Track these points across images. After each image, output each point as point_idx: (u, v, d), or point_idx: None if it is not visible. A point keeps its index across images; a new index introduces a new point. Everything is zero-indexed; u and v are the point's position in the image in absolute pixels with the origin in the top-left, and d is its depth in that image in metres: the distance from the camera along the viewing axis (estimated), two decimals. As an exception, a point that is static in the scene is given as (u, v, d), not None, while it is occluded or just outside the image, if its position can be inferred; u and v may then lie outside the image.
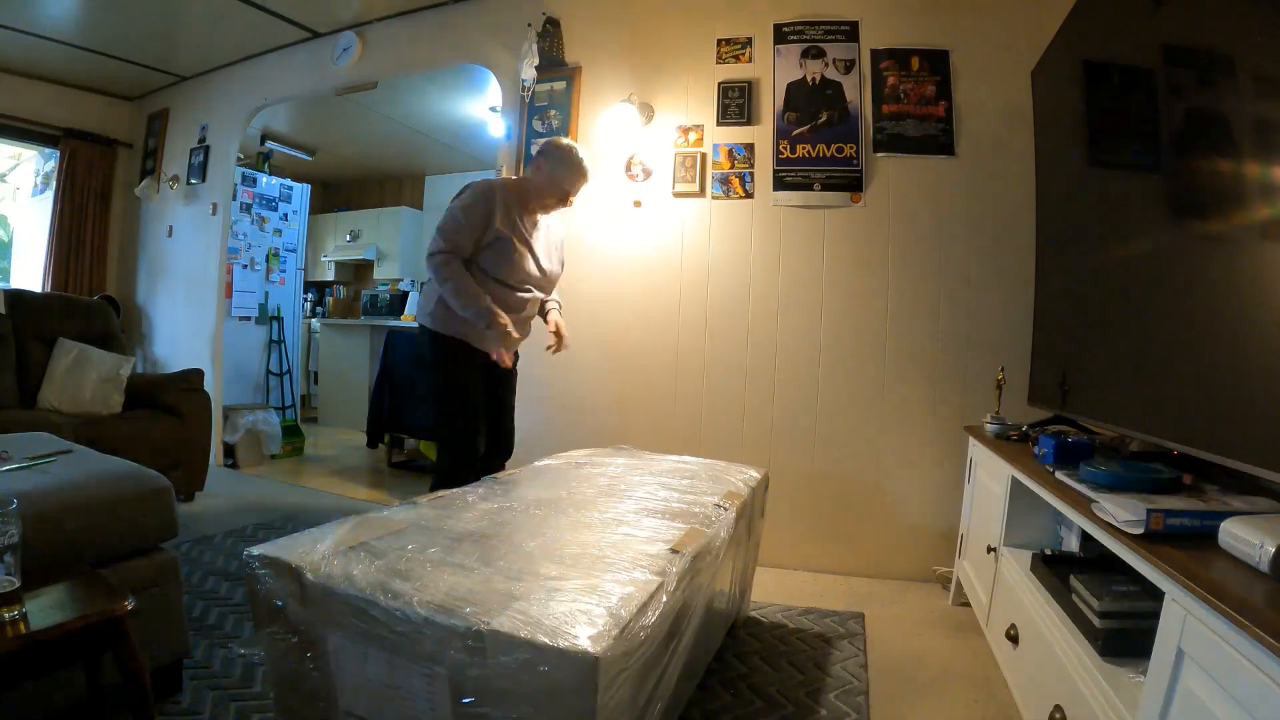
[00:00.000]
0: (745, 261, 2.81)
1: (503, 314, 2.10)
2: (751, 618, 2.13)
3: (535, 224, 2.26)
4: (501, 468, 2.34)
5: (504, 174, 2.85)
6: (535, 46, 3.03)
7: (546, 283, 2.32)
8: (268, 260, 5.17)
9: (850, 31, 2.70)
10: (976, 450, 2.22)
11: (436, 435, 2.31)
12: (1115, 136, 1.74)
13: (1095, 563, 1.47)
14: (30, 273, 4.86)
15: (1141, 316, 1.50)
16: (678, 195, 2.90)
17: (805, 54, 2.74)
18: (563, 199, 2.22)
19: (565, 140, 2.28)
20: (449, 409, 2.20)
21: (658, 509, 1.53)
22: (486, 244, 2.12)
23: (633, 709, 0.98)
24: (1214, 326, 1.22)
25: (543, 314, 2.38)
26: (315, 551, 1.11)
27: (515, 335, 2.18)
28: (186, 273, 4.41)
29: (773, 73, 2.77)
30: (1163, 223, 1.45)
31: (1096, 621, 1.21)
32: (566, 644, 0.86)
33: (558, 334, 2.34)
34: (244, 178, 4.94)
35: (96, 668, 1.16)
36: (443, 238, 2.09)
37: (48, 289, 4.53)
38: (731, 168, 2.82)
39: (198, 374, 3.40)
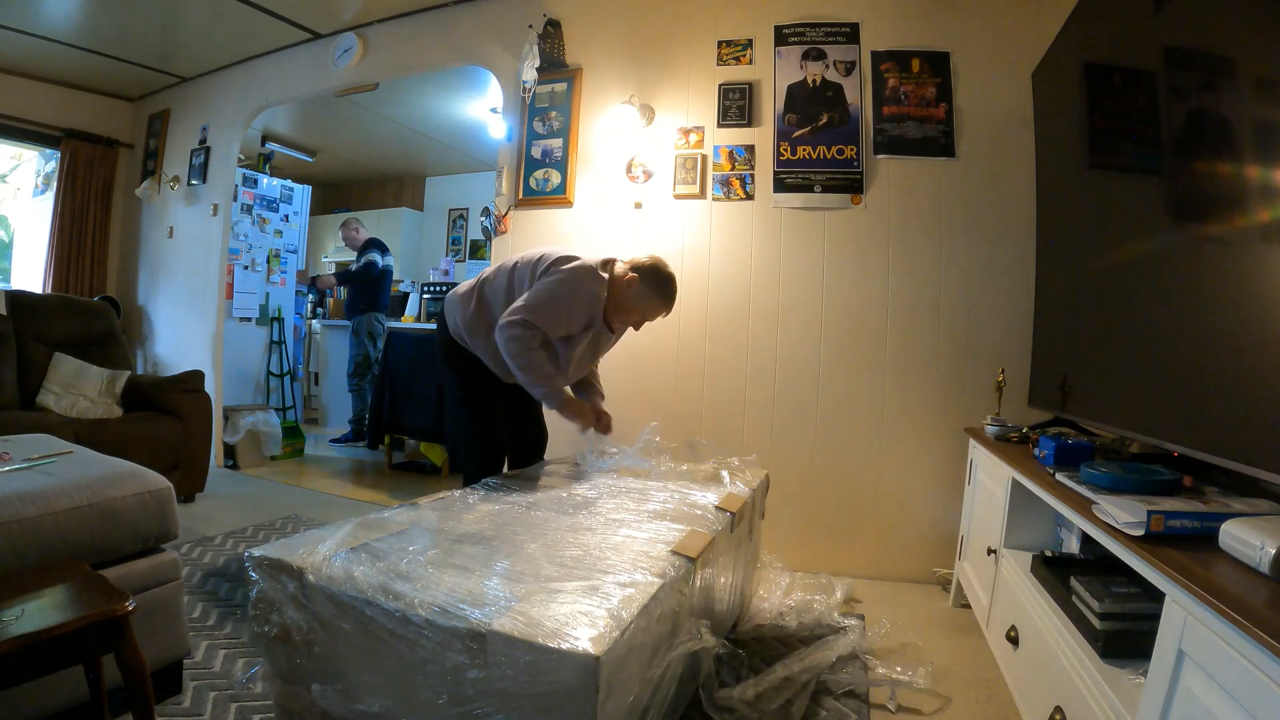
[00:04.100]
0: (746, 263, 2.82)
1: (577, 403, 2.12)
2: (751, 619, 2.12)
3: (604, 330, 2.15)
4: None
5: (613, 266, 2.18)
6: (536, 48, 3.03)
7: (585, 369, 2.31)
8: (268, 261, 5.18)
9: (851, 33, 2.70)
10: (977, 452, 2.22)
11: (454, 443, 2.30)
12: (1116, 138, 1.74)
13: (1095, 564, 1.47)
14: (31, 273, 4.87)
15: (1142, 319, 1.50)
16: (678, 197, 2.90)
17: (806, 56, 2.74)
18: (637, 323, 2.17)
19: (668, 268, 2.10)
20: (467, 421, 2.20)
21: (658, 511, 1.53)
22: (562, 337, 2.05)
23: (633, 711, 0.98)
24: (1215, 328, 1.22)
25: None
26: (316, 553, 1.11)
27: (592, 424, 2.14)
28: (187, 274, 4.41)
29: (773, 74, 2.77)
30: (1163, 225, 1.45)
31: (1097, 623, 1.21)
32: (567, 645, 0.86)
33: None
34: (245, 179, 4.95)
35: (97, 668, 1.16)
36: (531, 315, 1.93)
37: (48, 290, 4.53)
38: (732, 169, 2.82)
39: (197, 375, 3.40)
